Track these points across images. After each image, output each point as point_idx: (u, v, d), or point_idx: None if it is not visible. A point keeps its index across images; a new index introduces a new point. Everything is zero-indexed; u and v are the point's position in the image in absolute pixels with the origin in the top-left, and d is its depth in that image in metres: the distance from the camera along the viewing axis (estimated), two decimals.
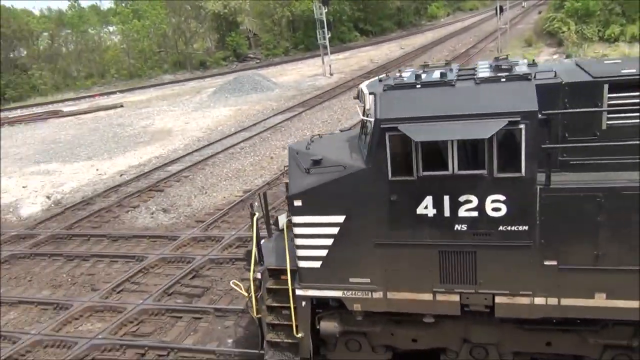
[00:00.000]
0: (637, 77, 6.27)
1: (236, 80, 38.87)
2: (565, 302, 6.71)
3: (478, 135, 6.22)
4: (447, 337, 7.71)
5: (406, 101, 6.79)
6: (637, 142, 6.08)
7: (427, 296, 7.17)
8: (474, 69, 7.39)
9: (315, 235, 7.45)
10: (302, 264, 7.54)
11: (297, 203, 7.38)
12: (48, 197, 19.00)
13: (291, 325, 7.83)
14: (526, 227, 6.50)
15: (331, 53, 42.21)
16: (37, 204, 18.66)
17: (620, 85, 6.33)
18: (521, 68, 6.98)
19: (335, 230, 7.30)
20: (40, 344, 10.00)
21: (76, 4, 67.26)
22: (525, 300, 6.82)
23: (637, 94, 6.30)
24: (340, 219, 7.26)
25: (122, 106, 39.62)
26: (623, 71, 6.43)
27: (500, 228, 6.59)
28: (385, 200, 6.88)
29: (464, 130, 6.32)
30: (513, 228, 6.57)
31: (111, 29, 65.22)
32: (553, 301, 6.75)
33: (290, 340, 8.00)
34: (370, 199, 6.98)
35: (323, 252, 7.45)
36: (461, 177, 6.52)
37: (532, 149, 6.19)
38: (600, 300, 6.56)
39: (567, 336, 7.20)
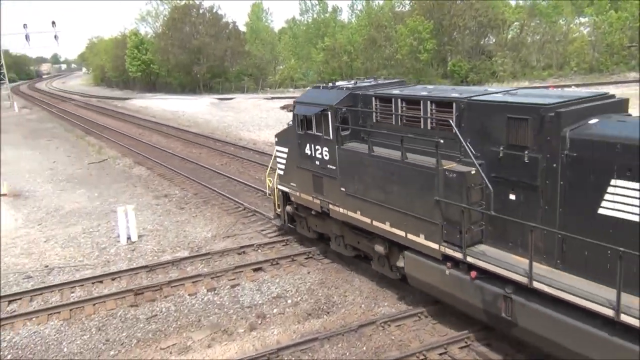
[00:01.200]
0: (387, 95, 11.23)
1: None
2: (350, 214, 11.84)
3: (308, 113, 12.52)
4: (327, 228, 13.50)
5: (311, 94, 13.38)
6: (361, 128, 11.82)
7: (310, 198, 13.25)
8: (355, 82, 13.09)
9: (281, 157, 14.39)
10: (278, 171, 14.70)
11: (275, 139, 14.89)
12: None
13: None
14: (335, 167, 12.03)
15: None
16: None
17: (386, 99, 11.25)
18: (362, 84, 12.80)
19: (285, 156, 14.09)
20: None
21: None
22: (337, 209, 12.23)
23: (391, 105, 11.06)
24: (286, 150, 14.00)
25: None
26: (397, 91, 11.29)
27: (327, 166, 12.29)
28: (297, 143, 13.25)
29: (307, 110, 12.59)
30: (331, 167, 12.16)
31: (583, 19, 62.78)
32: (345, 212, 11.97)
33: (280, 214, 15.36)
34: (294, 142, 13.42)
35: (283, 167, 14.39)
36: (316, 135, 12.47)
37: (336, 126, 11.80)
38: (358, 215, 11.55)
39: (364, 240, 12.10)
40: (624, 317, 6.96)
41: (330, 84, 13.39)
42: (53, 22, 75.08)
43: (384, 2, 74.53)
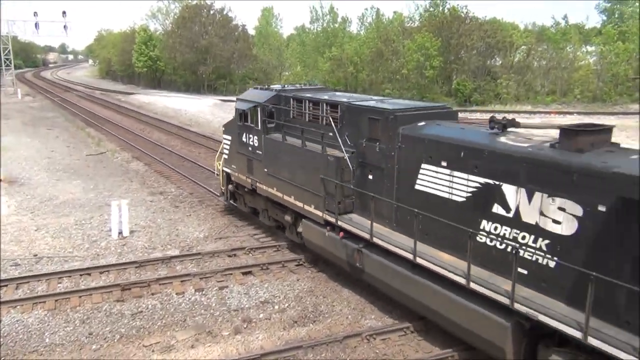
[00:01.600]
0: (300, 97, 14.24)
1: None
2: (269, 190, 14.70)
3: (245, 108, 15.50)
4: (257, 203, 16.25)
5: (249, 93, 16.26)
6: (282, 122, 14.58)
7: (244, 178, 16.08)
8: (283, 86, 16.63)
9: (226, 144, 17.23)
10: (224, 155, 17.55)
11: (223, 128, 17.80)
12: None
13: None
14: (261, 152, 14.91)
15: None
16: None
17: (299, 100, 14.17)
18: (289, 87, 16.11)
19: (229, 143, 16.93)
20: None
21: (562, 20, 67.36)
22: (262, 186, 15.09)
23: (301, 104, 14.14)
24: (230, 138, 16.85)
25: None
26: (309, 94, 14.37)
27: (256, 151, 15.14)
28: (237, 133, 16.09)
29: (244, 106, 15.61)
30: (258, 152, 15.04)
31: (590, 48, 63.03)
32: (267, 189, 14.83)
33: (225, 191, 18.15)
34: (235, 131, 16.23)
35: (227, 151, 17.24)
36: (250, 126, 15.37)
37: (263, 119, 14.73)
38: (275, 191, 14.44)
39: (280, 212, 14.79)
40: (419, 260, 9.78)
41: (266, 86, 16.72)
42: (64, 12, 75.19)
43: (393, 17, 74.80)
